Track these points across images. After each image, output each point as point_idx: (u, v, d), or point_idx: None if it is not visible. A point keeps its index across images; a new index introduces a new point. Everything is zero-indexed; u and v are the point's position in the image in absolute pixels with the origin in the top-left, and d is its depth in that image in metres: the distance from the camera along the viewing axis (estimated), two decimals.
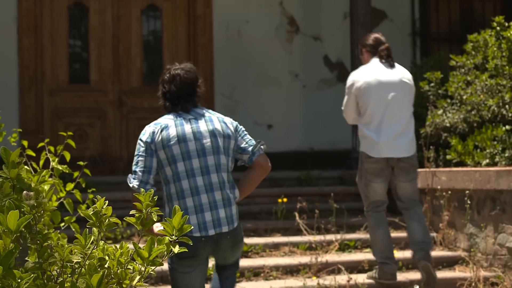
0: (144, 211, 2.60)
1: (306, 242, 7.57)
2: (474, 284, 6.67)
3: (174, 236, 2.52)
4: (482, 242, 7.12)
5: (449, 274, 7.04)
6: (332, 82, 10.63)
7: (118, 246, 2.59)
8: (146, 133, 4.39)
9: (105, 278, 2.50)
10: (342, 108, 6.69)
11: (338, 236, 7.69)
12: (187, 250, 2.80)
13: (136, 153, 4.37)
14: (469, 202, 7.21)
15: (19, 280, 2.35)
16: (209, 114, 4.49)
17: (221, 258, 4.44)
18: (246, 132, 4.54)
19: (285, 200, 8.32)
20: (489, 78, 8.02)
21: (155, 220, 2.62)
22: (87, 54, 10.10)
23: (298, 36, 10.65)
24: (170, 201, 4.35)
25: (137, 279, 2.48)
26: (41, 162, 3.95)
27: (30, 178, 2.85)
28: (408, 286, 6.76)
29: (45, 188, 3.02)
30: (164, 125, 4.39)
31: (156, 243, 2.52)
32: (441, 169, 7.86)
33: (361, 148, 6.58)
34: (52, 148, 4.06)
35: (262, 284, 6.70)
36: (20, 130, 4.45)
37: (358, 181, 6.63)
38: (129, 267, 2.54)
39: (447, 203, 7.58)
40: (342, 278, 6.73)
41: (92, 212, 2.59)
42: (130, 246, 2.62)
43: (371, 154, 6.44)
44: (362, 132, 6.53)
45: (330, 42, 10.69)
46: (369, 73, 6.50)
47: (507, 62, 7.86)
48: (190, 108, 4.47)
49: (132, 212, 2.68)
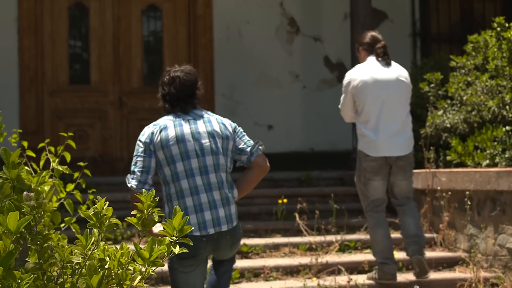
0: (145, 212, 2.60)
1: (306, 243, 7.57)
2: (474, 285, 6.67)
3: (174, 236, 2.52)
4: (482, 243, 7.11)
5: (449, 275, 7.03)
6: (332, 82, 10.63)
7: (118, 246, 2.59)
8: (145, 134, 4.43)
9: (105, 278, 2.50)
10: (339, 106, 6.70)
11: (338, 236, 7.69)
12: (188, 250, 2.81)
13: (135, 153, 4.43)
14: (469, 203, 7.20)
15: (19, 280, 2.35)
16: (208, 115, 4.53)
17: (219, 255, 4.48)
18: (244, 133, 4.58)
19: (285, 200, 8.32)
20: (489, 79, 8.02)
21: (156, 220, 2.62)
22: (88, 55, 10.10)
23: (299, 36, 10.65)
24: (169, 201, 4.38)
25: (138, 279, 2.48)
26: (41, 163, 3.95)
27: (30, 179, 2.84)
28: (408, 287, 6.76)
29: (45, 188, 3.01)
30: (163, 125, 4.44)
31: (156, 244, 2.52)
32: (441, 170, 7.86)
33: (359, 146, 6.58)
34: (52, 148, 4.06)
35: (262, 284, 6.70)
36: (20, 131, 4.44)
37: (356, 181, 6.62)
38: (129, 268, 2.54)
39: (447, 204, 7.58)
40: (342, 279, 6.73)
41: (92, 212, 2.59)
42: (131, 246, 2.62)
43: (369, 153, 6.44)
44: (360, 130, 6.53)
45: (330, 42, 10.69)
46: (365, 71, 6.50)
47: (508, 62, 7.86)
48: (189, 109, 4.51)
49: (133, 212, 2.68)
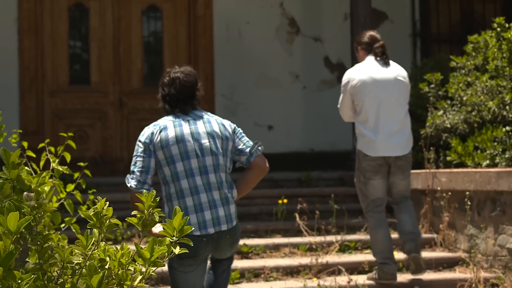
0: (145, 212, 2.60)
1: (306, 243, 7.57)
2: (474, 285, 6.67)
3: (174, 237, 2.52)
4: (483, 243, 7.11)
5: (449, 275, 7.03)
6: (332, 83, 10.63)
7: (119, 247, 2.59)
8: (145, 134, 4.46)
9: (105, 279, 2.50)
10: (338, 106, 6.71)
11: (339, 237, 7.69)
12: (188, 250, 2.81)
13: (134, 153, 4.46)
14: (469, 203, 7.20)
15: (20, 281, 2.35)
16: (207, 116, 4.56)
17: (219, 255, 4.50)
18: (243, 134, 4.60)
19: (285, 201, 8.31)
20: (489, 79, 8.01)
21: (157, 221, 2.62)
22: (88, 55, 10.10)
23: (299, 37, 10.65)
24: (169, 200, 4.41)
25: (138, 279, 2.48)
26: (41, 163, 3.95)
27: (30, 180, 2.84)
28: (408, 287, 6.75)
29: (45, 189, 3.01)
30: (163, 126, 4.46)
31: (157, 244, 2.52)
32: (441, 170, 7.86)
33: (358, 146, 6.58)
34: (52, 149, 4.05)
35: (263, 285, 6.70)
36: (20, 131, 4.44)
37: (356, 181, 6.62)
38: (130, 268, 2.54)
39: (447, 204, 7.58)
40: (342, 279, 6.73)
41: (92, 213, 2.59)
42: (131, 247, 2.62)
43: (368, 153, 6.44)
44: (359, 130, 6.53)
45: (330, 43, 10.69)
46: (364, 71, 6.50)
47: (508, 63, 7.86)
48: (189, 110, 4.54)
49: (133, 212, 2.68)
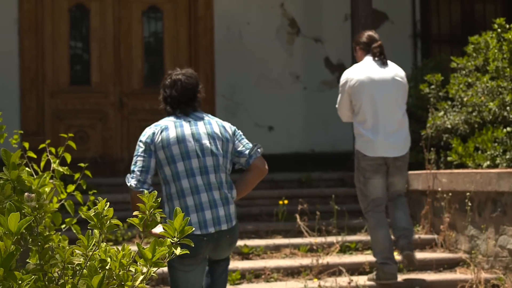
0: (147, 213, 2.60)
1: (307, 244, 7.57)
2: (475, 286, 6.66)
3: (175, 238, 2.52)
4: (483, 244, 7.11)
5: (450, 276, 7.03)
6: (333, 83, 10.62)
7: (119, 248, 2.58)
8: (146, 134, 4.51)
9: (106, 279, 2.50)
10: (336, 106, 6.72)
11: (339, 238, 7.69)
12: (189, 249, 2.82)
13: (135, 153, 4.50)
14: (470, 204, 7.20)
15: (20, 281, 2.35)
16: (208, 118, 4.61)
17: (217, 255, 4.51)
18: (243, 136, 4.65)
19: (286, 202, 8.31)
20: (490, 80, 8.01)
21: (159, 221, 2.62)
22: (88, 56, 10.10)
23: (299, 37, 10.65)
24: (170, 200, 4.44)
25: (140, 280, 2.48)
26: (42, 164, 3.95)
27: (31, 181, 2.84)
28: (408, 287, 6.76)
29: (46, 190, 3.01)
30: (164, 126, 4.50)
31: (158, 245, 2.52)
32: (442, 171, 7.86)
33: (356, 146, 6.59)
34: (53, 149, 4.05)
35: (263, 286, 6.69)
36: (21, 132, 4.44)
37: (356, 181, 6.64)
38: (130, 269, 2.53)
39: (448, 205, 7.57)
40: (343, 280, 6.73)
41: (93, 213, 2.59)
42: (132, 248, 2.62)
43: (367, 153, 6.46)
44: (357, 130, 6.54)
45: (331, 43, 10.69)
46: (362, 71, 6.51)
47: (508, 64, 7.85)
48: (190, 112, 4.59)
49: (135, 213, 2.68)
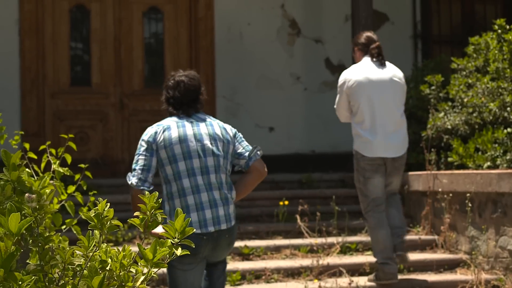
0: (147, 213, 2.60)
1: (307, 245, 7.57)
2: (475, 287, 6.66)
3: (176, 238, 2.52)
4: (484, 245, 7.11)
5: (450, 277, 7.03)
6: (333, 84, 10.58)
7: (120, 248, 2.59)
8: (148, 133, 4.57)
9: (106, 280, 2.50)
10: (335, 106, 6.73)
11: (340, 238, 7.69)
12: (189, 249, 2.82)
13: (137, 152, 4.56)
14: (470, 205, 7.20)
15: (20, 282, 2.35)
16: (210, 119, 4.68)
17: (215, 256, 4.54)
18: (243, 139, 4.71)
19: (286, 202, 8.30)
20: (490, 81, 8.01)
21: (160, 222, 2.62)
22: (89, 57, 10.10)
23: (300, 38, 10.65)
24: (170, 199, 4.48)
25: (141, 280, 2.48)
26: (42, 165, 3.95)
27: (31, 182, 2.84)
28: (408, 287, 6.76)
29: (46, 191, 3.01)
30: (166, 126, 4.56)
31: (159, 245, 2.52)
32: (442, 171, 7.86)
33: (354, 147, 6.60)
34: (53, 150, 4.06)
35: (263, 286, 6.69)
36: (21, 133, 4.44)
37: (356, 181, 6.65)
38: (131, 270, 2.53)
39: (449, 206, 7.57)
40: (343, 281, 6.73)
41: (93, 214, 2.59)
42: (133, 248, 2.62)
43: (366, 154, 6.48)
44: (355, 130, 6.56)
45: (331, 44, 10.69)
46: (360, 72, 6.54)
47: (509, 65, 7.86)
48: (192, 113, 4.65)
49: (135, 213, 2.68)
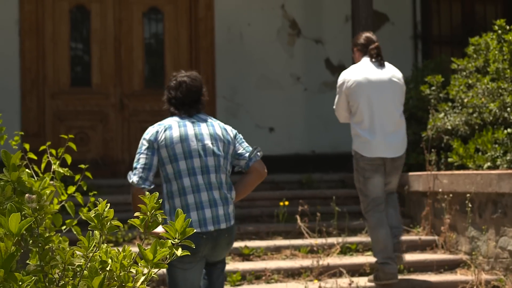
0: (148, 214, 2.60)
1: (307, 245, 7.57)
2: (475, 287, 6.66)
3: (177, 239, 2.52)
4: (484, 245, 7.11)
5: (450, 277, 7.03)
6: (333, 85, 10.53)
7: (120, 249, 2.59)
8: (149, 132, 4.60)
9: (106, 280, 2.50)
10: (334, 107, 6.73)
11: (340, 239, 7.68)
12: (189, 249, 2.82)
13: (138, 151, 4.58)
14: (470, 205, 7.20)
15: (21, 283, 2.35)
16: (211, 120, 4.71)
17: (214, 255, 4.55)
18: (244, 140, 4.74)
19: (286, 203, 8.30)
20: (490, 82, 8.01)
21: (160, 222, 2.62)
22: (89, 57, 10.10)
23: (300, 39, 10.65)
24: (171, 198, 4.51)
25: (141, 281, 2.48)
26: (42, 165, 3.95)
27: (31, 183, 2.84)
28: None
29: (46, 191, 3.01)
30: (167, 125, 4.59)
31: (159, 246, 2.52)
32: (442, 172, 7.85)
33: (353, 147, 6.61)
34: (53, 151, 4.06)
35: (264, 287, 6.69)
36: (21, 133, 4.44)
37: (356, 182, 6.66)
38: (131, 270, 2.53)
39: (449, 206, 7.57)
40: (343, 281, 6.73)
41: (93, 215, 2.59)
42: (133, 249, 2.61)
43: (365, 154, 6.49)
44: (354, 130, 6.57)
45: (331, 45, 10.69)
46: (359, 72, 6.55)
47: (509, 65, 7.85)
48: (193, 113, 4.68)
49: (136, 214, 2.67)
